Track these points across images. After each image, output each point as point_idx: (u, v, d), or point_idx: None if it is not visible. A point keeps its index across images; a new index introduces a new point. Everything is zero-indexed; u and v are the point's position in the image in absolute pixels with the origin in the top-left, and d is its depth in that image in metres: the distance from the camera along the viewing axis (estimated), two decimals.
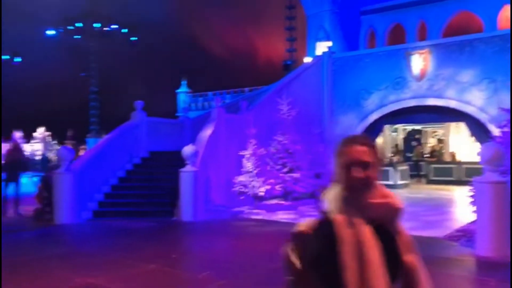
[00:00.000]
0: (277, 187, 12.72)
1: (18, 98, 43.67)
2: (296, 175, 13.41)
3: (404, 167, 18.82)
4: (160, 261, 6.88)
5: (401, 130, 23.00)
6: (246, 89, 33.59)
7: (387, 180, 17.10)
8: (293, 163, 13.56)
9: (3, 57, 34.07)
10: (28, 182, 20.03)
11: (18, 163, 12.91)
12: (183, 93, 39.78)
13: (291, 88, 16.01)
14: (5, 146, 37.99)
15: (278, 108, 14.09)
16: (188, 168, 11.11)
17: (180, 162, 11.66)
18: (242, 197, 12.16)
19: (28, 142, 40.60)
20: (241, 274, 6.26)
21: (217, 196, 12.93)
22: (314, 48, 21.92)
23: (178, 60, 44.15)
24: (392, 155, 20.09)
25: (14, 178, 12.64)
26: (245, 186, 12.15)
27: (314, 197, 14.49)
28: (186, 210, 10.89)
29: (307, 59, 21.50)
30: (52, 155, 28.42)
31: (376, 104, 17.30)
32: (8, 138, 40.81)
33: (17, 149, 13.64)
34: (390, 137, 21.38)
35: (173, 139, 16.10)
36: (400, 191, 16.34)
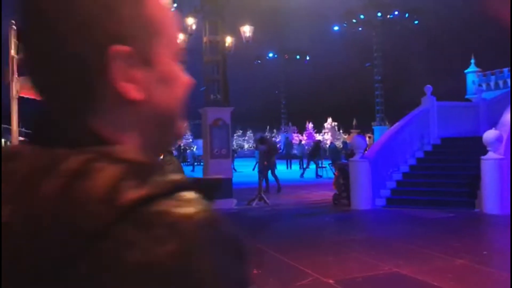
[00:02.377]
0: None
1: (309, 93, 48.20)
2: None
3: None
4: (468, 257, 6.31)
5: None
6: None
7: None
8: None
9: (297, 57, 38.06)
10: (324, 170, 21.81)
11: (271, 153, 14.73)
12: (471, 73, 36.38)
13: None
14: (301, 137, 42.29)
15: None
16: (491, 155, 9.95)
17: (477, 148, 10.58)
18: None
19: (319, 132, 44.52)
20: None
21: None
22: None
23: (464, 38, 40.62)
24: None
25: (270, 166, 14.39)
26: None
27: None
28: (490, 201, 9.80)
29: None
30: (339, 144, 30.23)
31: None
32: (303, 129, 45.78)
33: (266, 141, 15.24)
34: None
35: (467, 124, 14.80)
36: None
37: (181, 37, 14.44)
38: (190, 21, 13.33)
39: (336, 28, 33.69)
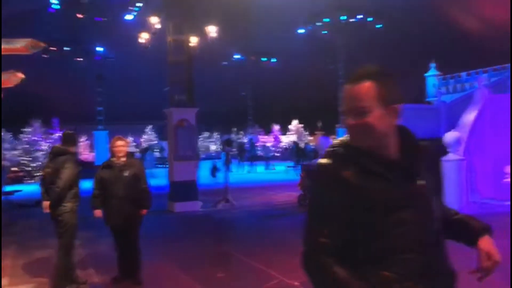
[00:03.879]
0: None
1: (275, 95, 48.39)
2: None
3: None
4: None
5: None
6: (508, 65, 29.30)
7: None
8: None
9: (263, 59, 38.13)
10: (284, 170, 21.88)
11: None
12: (432, 76, 37.40)
13: None
14: (268, 138, 42.17)
15: None
16: (451, 156, 10.20)
17: (437, 149, 10.83)
18: None
19: (284, 134, 44.71)
20: None
21: (482, 187, 11.56)
22: None
23: (425, 42, 41.78)
24: None
25: None
26: None
27: None
28: (450, 202, 9.98)
29: None
30: (302, 145, 30.35)
31: None
32: (269, 131, 45.96)
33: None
34: None
35: (428, 125, 15.18)
36: None
37: (145, 36, 14.19)
38: (154, 20, 13.10)
39: (302, 31, 33.98)
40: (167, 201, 12.16)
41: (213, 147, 43.25)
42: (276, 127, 44.74)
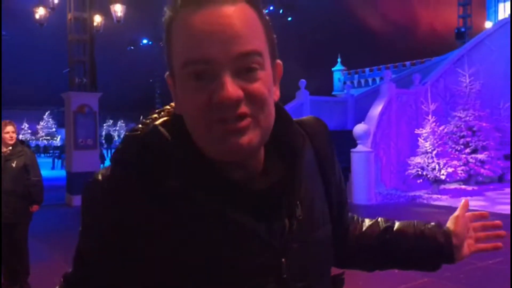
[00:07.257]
0: (459, 170, 11.29)
1: None
2: (481, 156, 11.80)
3: None
4: None
5: None
6: (408, 63, 31.28)
7: None
8: (477, 143, 11.96)
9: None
10: None
11: None
12: (338, 71, 38.87)
13: (473, 57, 14.07)
14: None
15: (458, 80, 12.50)
16: (360, 148, 10.40)
17: (346, 142, 11.03)
18: (419, 181, 11.04)
19: None
20: (447, 273, 5.40)
21: (387, 178, 12.02)
22: (495, 11, 19.17)
23: (332, 38, 43.30)
24: None
25: None
26: (422, 168, 10.99)
27: (502, 181, 12.66)
28: (358, 193, 10.23)
29: (488, 24, 18.91)
30: None
31: None
32: None
33: None
34: None
35: (336, 118, 15.52)
36: None
37: (41, 12, 12.84)
38: None
39: None
40: (65, 194, 11.12)
41: (117, 136, 41.36)
42: None
